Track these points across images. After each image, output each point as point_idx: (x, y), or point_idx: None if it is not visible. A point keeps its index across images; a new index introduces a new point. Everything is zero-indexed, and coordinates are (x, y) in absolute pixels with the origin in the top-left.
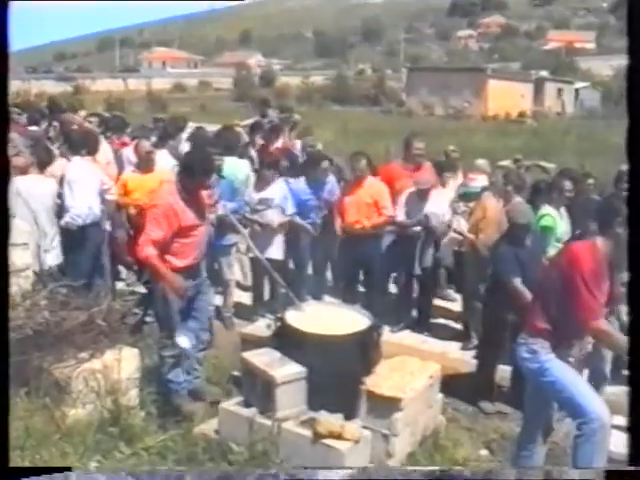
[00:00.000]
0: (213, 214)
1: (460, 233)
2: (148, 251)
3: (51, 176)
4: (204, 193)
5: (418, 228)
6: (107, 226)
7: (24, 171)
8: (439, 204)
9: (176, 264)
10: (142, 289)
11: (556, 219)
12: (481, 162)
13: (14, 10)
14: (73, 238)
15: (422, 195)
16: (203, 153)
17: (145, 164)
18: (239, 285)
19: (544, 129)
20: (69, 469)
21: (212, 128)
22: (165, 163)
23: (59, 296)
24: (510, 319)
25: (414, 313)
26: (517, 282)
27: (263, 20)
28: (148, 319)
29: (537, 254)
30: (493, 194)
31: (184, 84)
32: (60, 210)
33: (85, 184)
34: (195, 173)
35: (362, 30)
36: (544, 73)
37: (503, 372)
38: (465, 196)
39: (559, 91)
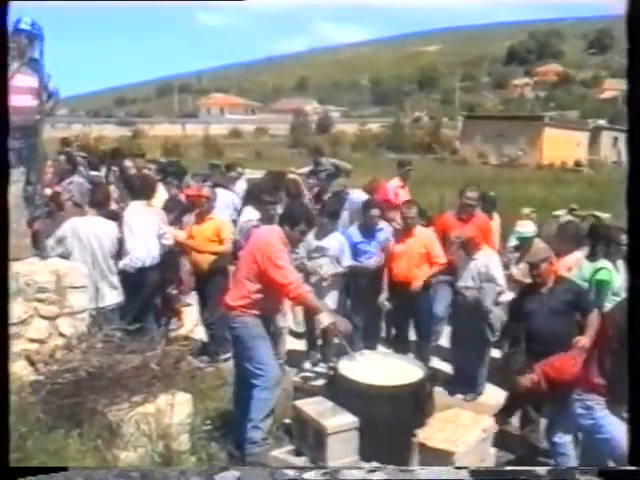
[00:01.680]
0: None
1: (518, 281)
2: (307, 287)
3: (109, 218)
4: None
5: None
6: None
7: (81, 213)
8: (490, 265)
9: None
10: (195, 334)
11: (612, 273)
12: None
13: (79, 56)
14: (130, 281)
15: (467, 248)
16: (304, 204)
17: (202, 212)
18: (292, 332)
19: (600, 178)
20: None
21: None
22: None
23: (115, 339)
24: None
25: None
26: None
27: (319, 68)
28: (201, 365)
29: (571, 299)
30: (545, 242)
31: (240, 130)
32: (118, 252)
33: (144, 228)
34: (298, 224)
35: (418, 78)
36: (601, 122)
37: None
38: (519, 241)
39: (615, 140)
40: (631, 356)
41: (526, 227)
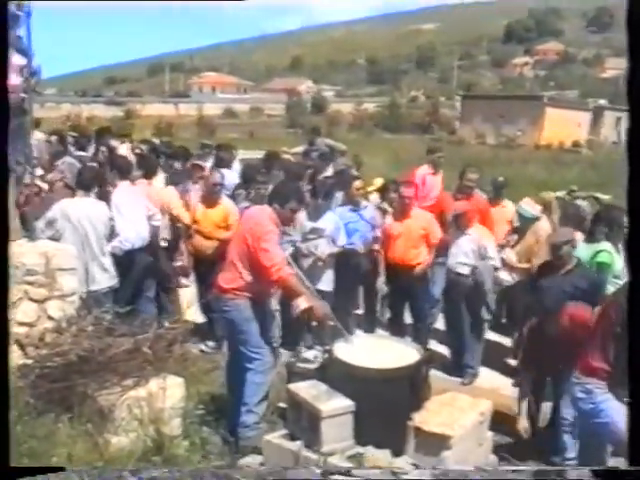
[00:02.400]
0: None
1: (511, 266)
2: (290, 269)
3: (101, 199)
4: None
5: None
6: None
7: (72, 194)
8: (482, 241)
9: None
10: (189, 317)
11: (614, 255)
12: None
13: (68, 35)
14: (120, 263)
15: (459, 222)
16: (294, 182)
17: (212, 197)
18: None
19: (600, 159)
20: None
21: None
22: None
23: (105, 322)
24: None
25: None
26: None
27: (314, 46)
28: (193, 349)
29: (584, 287)
30: (548, 224)
31: (235, 110)
32: (110, 234)
33: (133, 208)
34: (288, 202)
35: (415, 57)
36: (602, 101)
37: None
38: (519, 220)
39: (617, 120)
40: (631, 347)
41: (530, 206)
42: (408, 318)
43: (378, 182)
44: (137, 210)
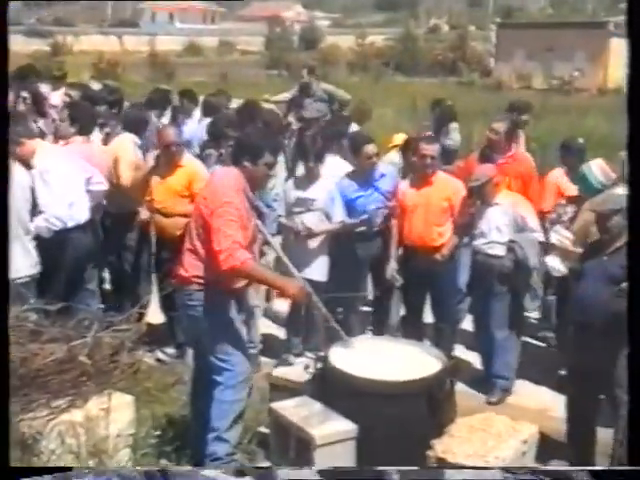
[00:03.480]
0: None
1: (563, 249)
2: (243, 255)
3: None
4: None
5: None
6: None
7: None
8: (518, 209)
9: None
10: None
11: None
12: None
13: None
14: (48, 247)
15: (484, 192)
16: (265, 129)
17: (170, 160)
18: (268, 312)
19: None
20: (70, 469)
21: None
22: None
23: (29, 324)
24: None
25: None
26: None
27: None
28: (147, 358)
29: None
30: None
31: (199, 45)
32: (32, 209)
33: (64, 176)
34: (261, 155)
35: None
36: None
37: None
38: (580, 185)
39: None
40: (632, 353)
41: (601, 170)
42: (428, 316)
43: (399, 139)
44: (71, 177)
